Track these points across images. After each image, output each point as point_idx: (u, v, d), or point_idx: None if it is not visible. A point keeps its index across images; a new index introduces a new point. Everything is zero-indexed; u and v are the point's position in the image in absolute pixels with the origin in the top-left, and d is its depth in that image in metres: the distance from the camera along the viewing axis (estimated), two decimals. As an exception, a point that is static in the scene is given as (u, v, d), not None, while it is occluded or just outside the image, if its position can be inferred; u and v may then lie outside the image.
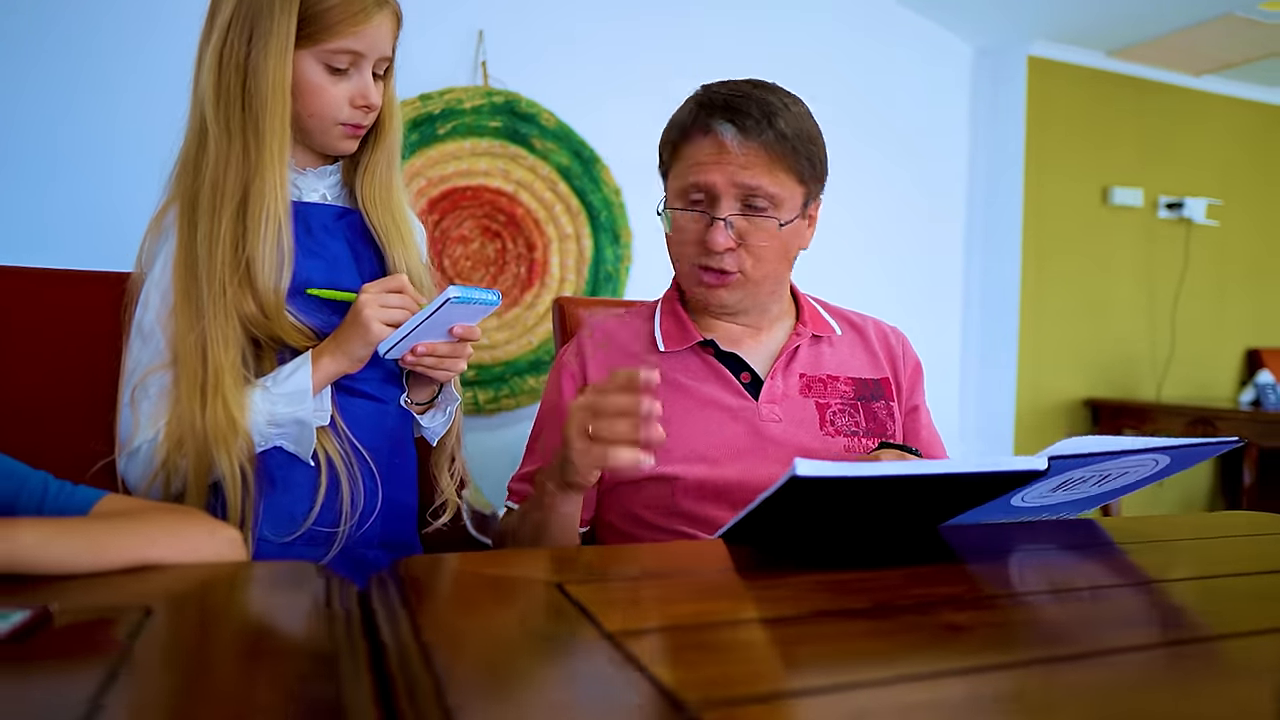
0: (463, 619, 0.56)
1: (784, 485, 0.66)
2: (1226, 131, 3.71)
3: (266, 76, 0.92)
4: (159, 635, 0.50)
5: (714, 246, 1.05)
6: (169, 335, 0.94)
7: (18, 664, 0.45)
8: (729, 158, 1.04)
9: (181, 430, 0.91)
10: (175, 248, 0.95)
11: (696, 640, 0.52)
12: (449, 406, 1.11)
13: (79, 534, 0.61)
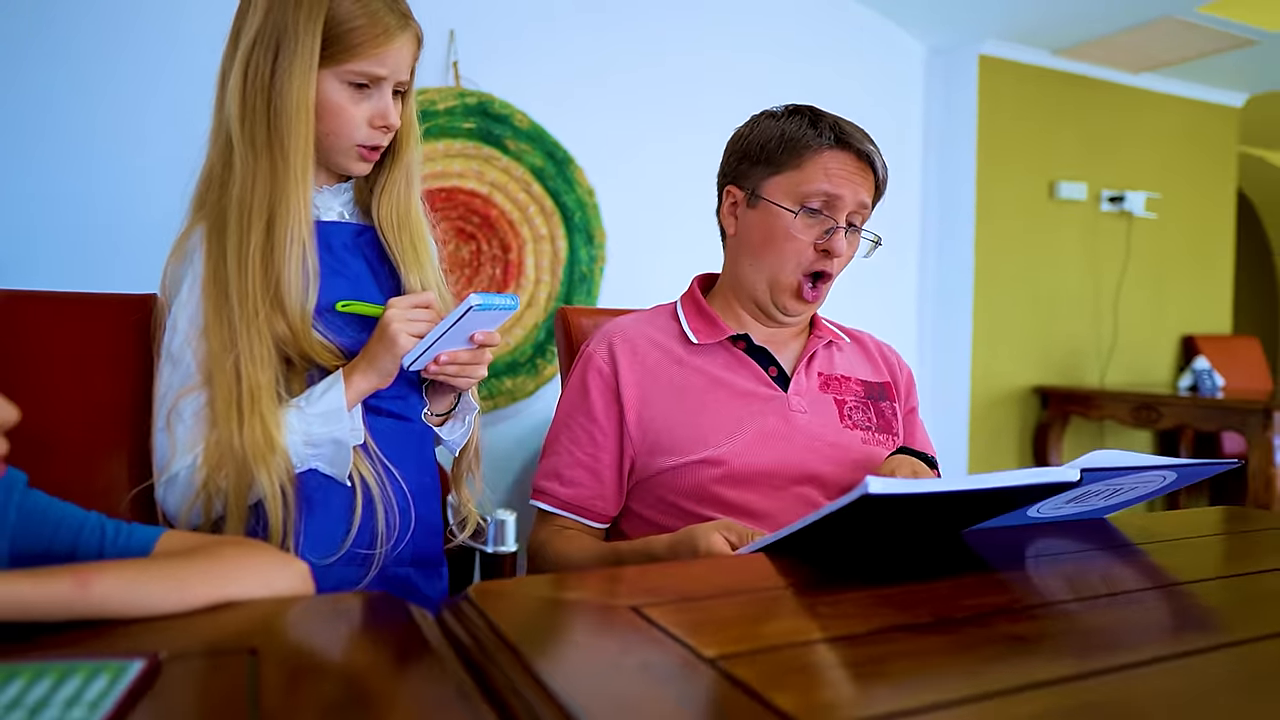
0: (565, 649, 0.57)
1: (854, 501, 0.69)
2: (1163, 127, 3.88)
3: (291, 96, 0.92)
4: (278, 678, 0.51)
5: (838, 250, 1.14)
6: (200, 356, 0.93)
7: (159, 715, 0.45)
8: (861, 177, 1.15)
9: (220, 451, 0.90)
10: (204, 267, 0.95)
11: (792, 662, 0.55)
12: (468, 415, 1.12)
13: (161, 575, 0.61)
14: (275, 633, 0.58)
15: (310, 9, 0.91)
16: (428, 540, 1.09)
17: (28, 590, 0.55)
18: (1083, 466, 0.80)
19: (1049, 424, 3.57)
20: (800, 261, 1.14)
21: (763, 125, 1.20)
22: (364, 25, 0.93)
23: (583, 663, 0.55)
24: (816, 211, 1.13)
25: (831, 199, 1.13)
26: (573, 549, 1.10)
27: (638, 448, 1.13)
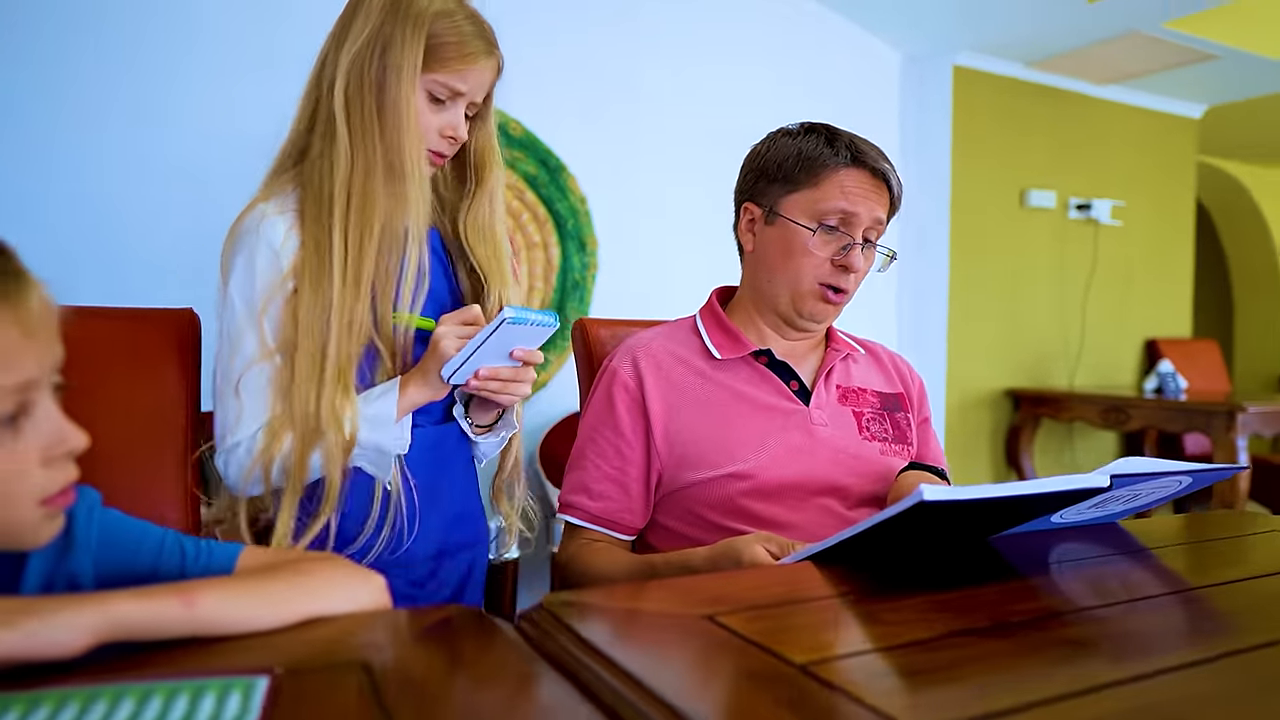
0: (659, 658, 0.60)
1: (909, 509, 0.73)
2: (1127, 137, 4.00)
3: (400, 96, 1.00)
4: (399, 691, 0.53)
5: (855, 266, 1.17)
6: (278, 324, 0.99)
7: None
8: (877, 195, 1.18)
9: (288, 418, 0.96)
10: (302, 237, 1.00)
11: (875, 667, 0.58)
12: (504, 433, 1.15)
13: (256, 593, 0.63)
14: (381, 647, 0.60)
15: (416, 24, 1.00)
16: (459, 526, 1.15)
17: (137, 610, 0.57)
18: (1112, 473, 0.84)
19: (1020, 426, 3.67)
20: (818, 275, 1.17)
21: (779, 143, 1.23)
22: (454, 44, 1.01)
23: (683, 671, 0.58)
24: (834, 229, 1.16)
25: (848, 216, 1.16)
26: (604, 561, 1.12)
27: (665, 461, 1.16)
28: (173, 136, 2.09)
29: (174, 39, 2.08)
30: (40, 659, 0.52)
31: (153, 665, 0.56)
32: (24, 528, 0.58)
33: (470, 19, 1.04)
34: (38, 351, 0.56)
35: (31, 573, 0.63)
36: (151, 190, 2.07)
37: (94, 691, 0.49)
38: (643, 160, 2.72)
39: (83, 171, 2.01)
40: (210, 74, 2.13)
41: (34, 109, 1.96)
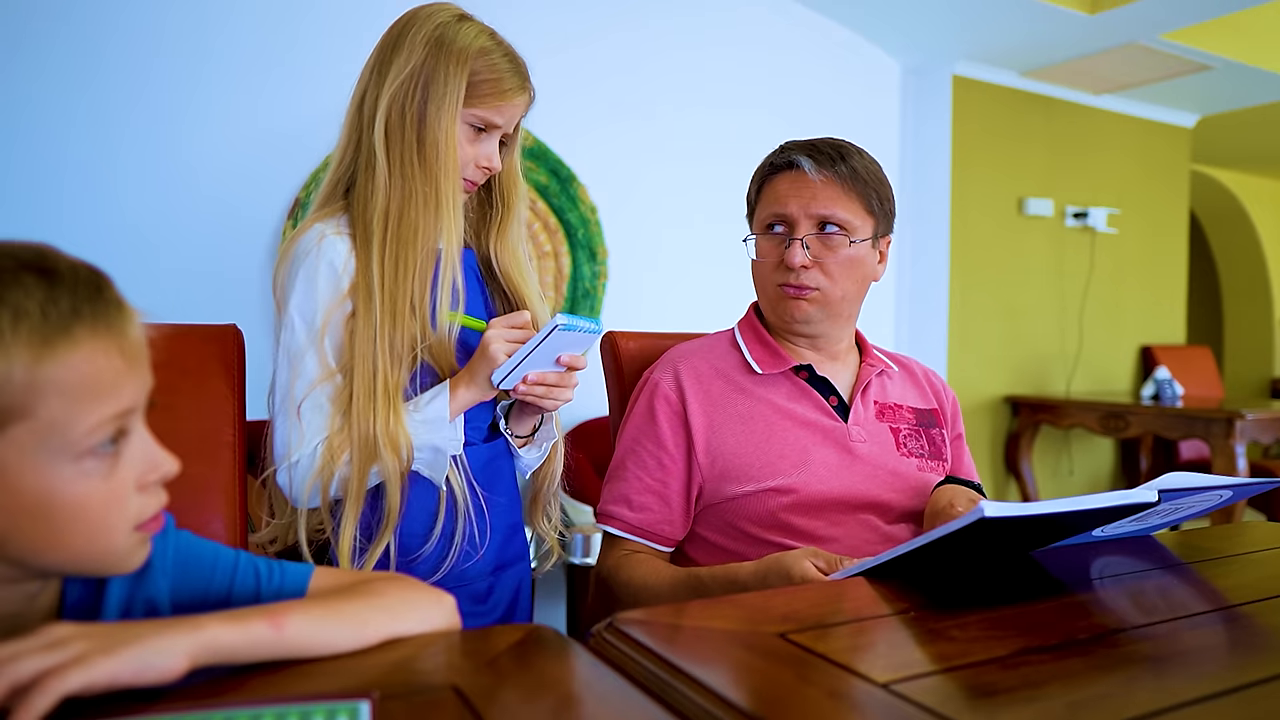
0: (743, 676, 0.60)
1: (970, 525, 0.74)
2: (1122, 146, 4.05)
3: (441, 129, 1.03)
4: (500, 713, 0.53)
5: (791, 263, 1.16)
6: (338, 348, 1.02)
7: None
8: (807, 188, 1.17)
9: (349, 436, 0.98)
10: (356, 268, 1.02)
11: (959, 685, 0.59)
12: (545, 444, 1.16)
13: (338, 615, 0.63)
14: (467, 669, 0.60)
15: (459, 61, 1.03)
16: (510, 542, 1.17)
17: (229, 633, 0.57)
18: (1159, 488, 0.86)
19: (1019, 433, 3.70)
20: (774, 279, 1.20)
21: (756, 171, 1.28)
22: (493, 80, 1.05)
23: (769, 690, 0.58)
24: (773, 231, 1.20)
25: (782, 218, 1.19)
26: (647, 573, 1.13)
27: (706, 474, 1.16)
28: (190, 141, 2.09)
29: (191, 44, 2.07)
30: (141, 684, 0.52)
31: (243, 690, 0.56)
32: (118, 554, 0.58)
33: (507, 56, 1.08)
34: (136, 379, 0.57)
35: (112, 597, 0.63)
36: (170, 196, 2.06)
37: (205, 717, 0.49)
38: (652, 171, 2.73)
39: (100, 177, 2.00)
40: (228, 79, 2.12)
41: (50, 115, 1.95)
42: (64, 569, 0.58)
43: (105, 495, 0.55)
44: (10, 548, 0.54)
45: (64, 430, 0.52)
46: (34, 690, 0.47)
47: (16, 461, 0.52)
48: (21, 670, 0.48)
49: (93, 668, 0.49)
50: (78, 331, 0.53)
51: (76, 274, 0.54)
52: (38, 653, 0.49)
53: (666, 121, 2.76)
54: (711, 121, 2.87)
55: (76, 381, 0.52)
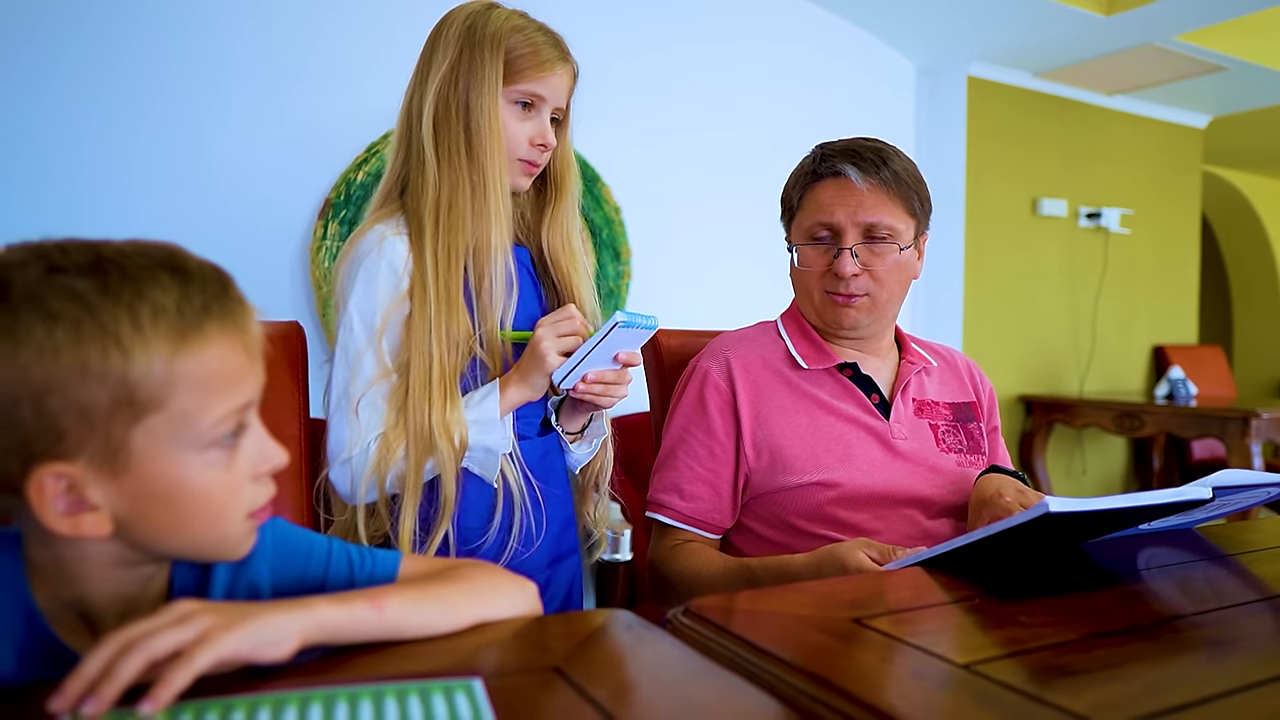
0: (830, 659, 0.62)
1: (1034, 519, 0.76)
2: (1135, 147, 4.06)
3: (484, 112, 1.05)
4: (607, 692, 0.55)
5: (842, 273, 1.18)
6: (395, 345, 1.03)
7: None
8: (853, 196, 1.18)
9: (405, 430, 1.00)
10: (413, 264, 1.04)
11: (1038, 666, 0.61)
12: (595, 440, 1.18)
13: (433, 599, 0.65)
14: (561, 652, 0.62)
15: (492, 43, 1.06)
16: (565, 536, 1.18)
17: (336, 614, 0.59)
18: (1213, 484, 0.88)
19: (1034, 432, 3.71)
20: (821, 286, 1.21)
21: (790, 175, 1.29)
22: (529, 54, 1.08)
23: (857, 671, 0.60)
24: (821, 240, 1.21)
25: (830, 226, 1.20)
26: (700, 563, 1.15)
27: (753, 465, 1.18)
28: (216, 145, 2.11)
29: (216, 48, 2.09)
30: (258, 661, 0.54)
31: (350, 669, 0.58)
32: (233, 541, 0.61)
33: (541, 30, 1.11)
34: (255, 374, 0.60)
35: (217, 581, 0.66)
36: (197, 199, 2.08)
37: (332, 693, 0.52)
38: (674, 171, 2.75)
39: (121, 183, 2.02)
40: (255, 81, 2.14)
41: (68, 120, 1.97)
42: (183, 554, 0.61)
43: (225, 485, 0.58)
44: (137, 533, 0.57)
45: (193, 421, 0.55)
46: (172, 666, 0.50)
47: (150, 450, 0.54)
48: (157, 646, 0.50)
49: (219, 643, 0.51)
50: (209, 328, 0.55)
51: (204, 272, 0.57)
52: (170, 629, 0.51)
53: (686, 122, 2.79)
54: (730, 122, 2.90)
55: (206, 376, 0.55)
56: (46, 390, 0.51)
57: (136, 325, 0.52)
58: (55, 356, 0.51)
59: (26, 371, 0.50)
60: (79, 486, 0.54)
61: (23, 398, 0.51)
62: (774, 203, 1.32)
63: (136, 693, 0.50)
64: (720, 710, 0.55)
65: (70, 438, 0.52)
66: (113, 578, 0.60)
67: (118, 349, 0.52)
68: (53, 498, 0.53)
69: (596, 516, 1.22)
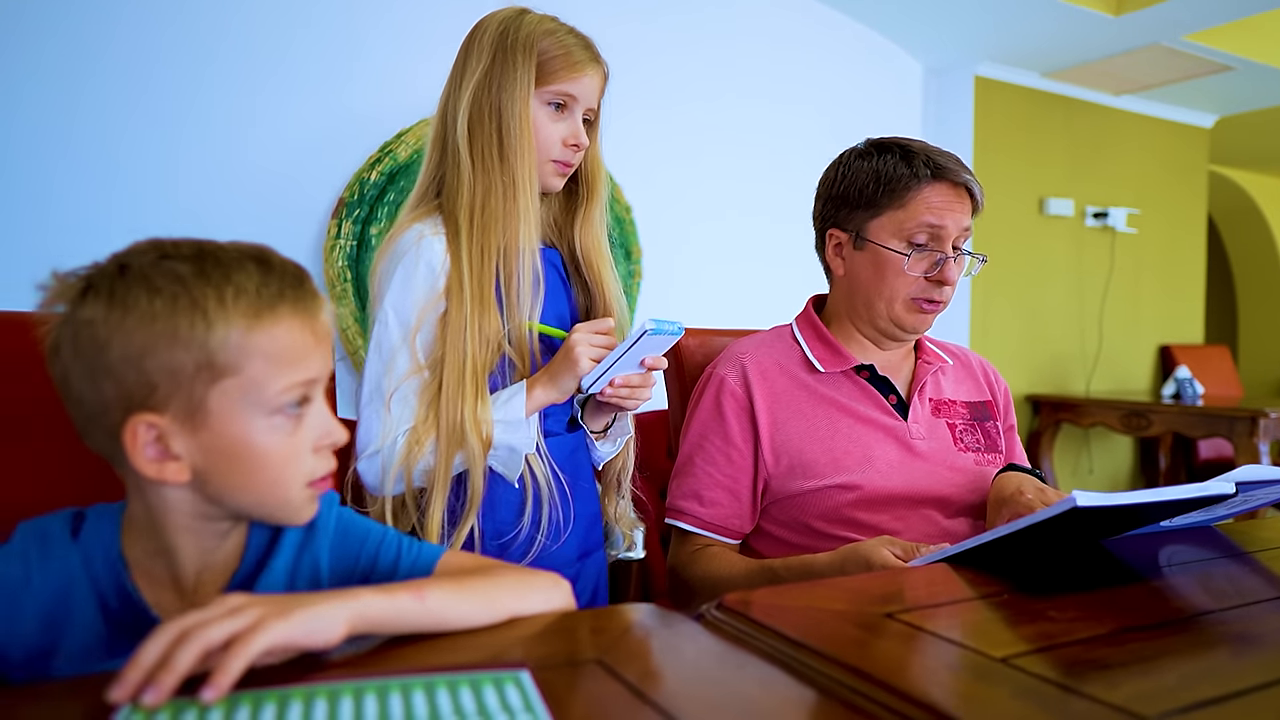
0: (867, 653, 0.63)
1: (1061, 514, 0.77)
2: (1142, 147, 4.07)
3: (516, 115, 1.07)
4: (651, 683, 0.56)
5: (950, 279, 1.19)
6: (428, 342, 1.05)
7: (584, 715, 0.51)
8: (961, 205, 1.20)
9: (435, 425, 1.02)
10: (450, 263, 1.06)
11: (1072, 659, 0.62)
12: (619, 439, 1.19)
13: (472, 592, 0.66)
14: (601, 645, 0.63)
15: (524, 47, 1.08)
16: (592, 530, 1.20)
17: (381, 604, 0.60)
18: (1236, 480, 0.88)
19: (1041, 431, 3.72)
20: (912, 292, 1.20)
21: (854, 168, 1.25)
22: (561, 55, 1.10)
23: (895, 664, 0.61)
24: (923, 245, 1.19)
25: (936, 231, 1.18)
26: (721, 566, 1.15)
27: (772, 470, 1.19)
28: (233, 144, 2.12)
29: (229, 49, 2.10)
30: (308, 647, 0.56)
31: (398, 660, 0.59)
32: (291, 505, 0.67)
33: (572, 33, 1.13)
34: (321, 356, 0.67)
35: (285, 549, 0.72)
36: (212, 197, 2.09)
37: (384, 684, 0.52)
38: (684, 170, 2.76)
39: (139, 183, 2.03)
40: (272, 81, 2.15)
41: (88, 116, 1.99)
42: (249, 510, 0.68)
43: (286, 450, 0.65)
44: (210, 485, 0.65)
45: (262, 388, 0.63)
46: (228, 654, 0.51)
47: (224, 410, 0.63)
48: (213, 634, 0.51)
49: (271, 630, 0.53)
50: (281, 309, 0.64)
51: (285, 267, 0.66)
52: (223, 619, 0.53)
53: (694, 121, 2.80)
54: (737, 121, 2.90)
55: (276, 349, 0.63)
56: (145, 351, 0.60)
57: (220, 301, 0.61)
58: (153, 323, 0.60)
59: (132, 335, 0.60)
60: (165, 437, 0.62)
61: (128, 357, 0.60)
62: (781, 201, 1.32)
63: (191, 686, 0.51)
64: (762, 700, 0.56)
65: (160, 393, 0.61)
66: (192, 529, 0.67)
67: (203, 320, 0.61)
68: (144, 444, 0.62)
69: (617, 514, 1.23)
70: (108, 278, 0.62)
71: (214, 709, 0.49)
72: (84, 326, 0.61)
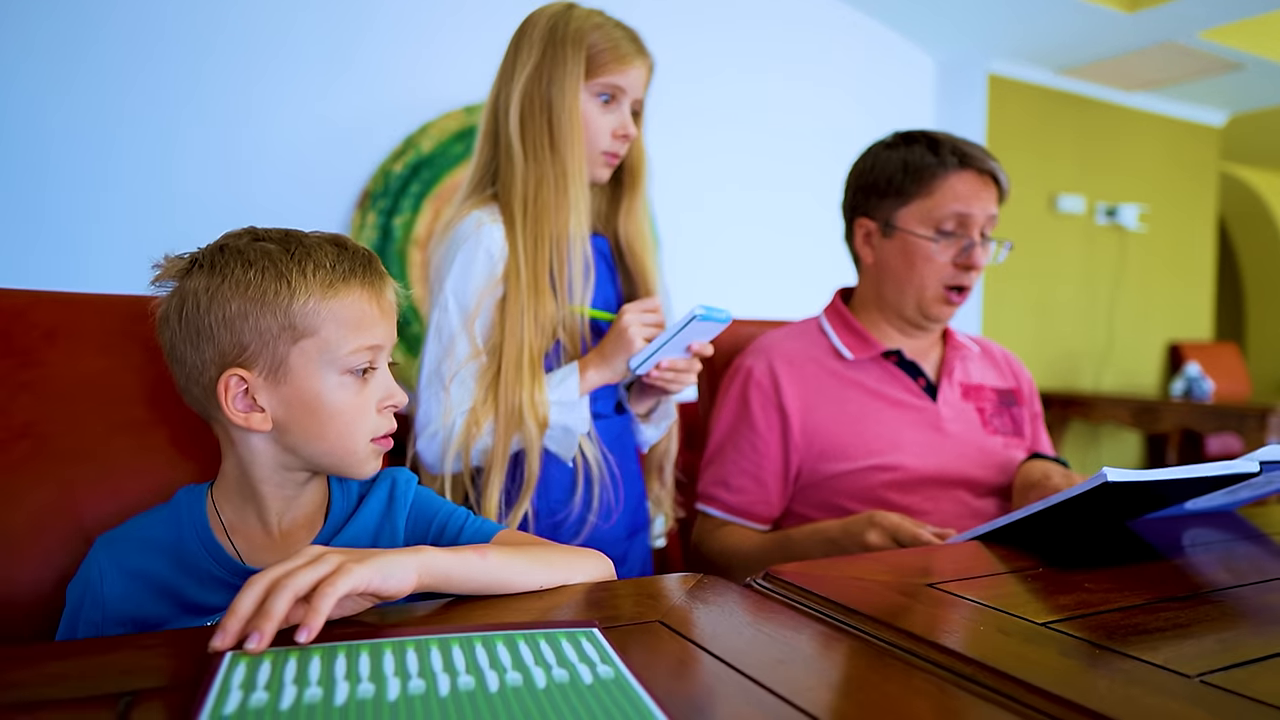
0: (917, 619, 0.66)
1: (1093, 489, 0.79)
2: (1153, 144, 4.08)
3: (566, 108, 1.11)
4: (711, 641, 0.59)
5: (977, 263, 1.22)
6: (486, 328, 1.09)
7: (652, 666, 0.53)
8: (987, 192, 1.23)
9: (497, 403, 1.06)
10: (506, 250, 1.09)
11: (1110, 625, 0.65)
12: (663, 423, 1.23)
13: (529, 556, 0.70)
14: (660, 608, 0.66)
15: (574, 41, 1.12)
16: (639, 510, 1.24)
17: (448, 560, 0.64)
18: (1261, 459, 0.91)
19: (1050, 426, 3.74)
20: (942, 278, 1.23)
21: (882, 158, 1.28)
22: (609, 48, 1.13)
23: (943, 627, 0.64)
24: (951, 233, 1.22)
25: (964, 218, 1.22)
26: (738, 539, 1.19)
27: (804, 455, 1.22)
28: (256, 136, 2.15)
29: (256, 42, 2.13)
30: (383, 592, 0.59)
31: (468, 618, 0.62)
32: (357, 456, 0.75)
33: (619, 27, 1.16)
34: (387, 327, 0.76)
35: (366, 513, 0.80)
36: (237, 188, 2.12)
37: (467, 637, 0.55)
38: (700, 162, 2.79)
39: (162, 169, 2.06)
40: (295, 73, 2.18)
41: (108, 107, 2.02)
42: (321, 460, 0.75)
43: (354, 406, 0.74)
44: (289, 435, 0.74)
45: (335, 349, 0.72)
46: (316, 595, 0.55)
47: (303, 366, 0.72)
48: (300, 580, 0.55)
49: (353, 574, 0.57)
50: (353, 283, 0.74)
51: (358, 249, 0.76)
52: (307, 567, 0.56)
53: (709, 115, 2.83)
54: (750, 115, 2.93)
55: (347, 316, 0.73)
56: (238, 314, 0.70)
57: (302, 273, 0.71)
58: (246, 290, 0.70)
59: (228, 301, 0.70)
60: (253, 390, 0.72)
61: (224, 319, 0.70)
62: (796, 194, 1.35)
63: (283, 638, 0.54)
64: (823, 656, 0.59)
65: (250, 351, 0.71)
66: (274, 480, 0.76)
67: (287, 288, 0.71)
68: (234, 395, 0.71)
69: (662, 496, 1.26)
70: (210, 255, 0.73)
71: (313, 656, 0.52)
72: (189, 295, 0.72)
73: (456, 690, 0.48)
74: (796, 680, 0.53)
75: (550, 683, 0.49)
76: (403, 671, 0.50)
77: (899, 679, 0.55)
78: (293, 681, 0.48)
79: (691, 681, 0.53)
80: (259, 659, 0.51)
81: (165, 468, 0.87)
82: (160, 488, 0.83)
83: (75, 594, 0.74)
